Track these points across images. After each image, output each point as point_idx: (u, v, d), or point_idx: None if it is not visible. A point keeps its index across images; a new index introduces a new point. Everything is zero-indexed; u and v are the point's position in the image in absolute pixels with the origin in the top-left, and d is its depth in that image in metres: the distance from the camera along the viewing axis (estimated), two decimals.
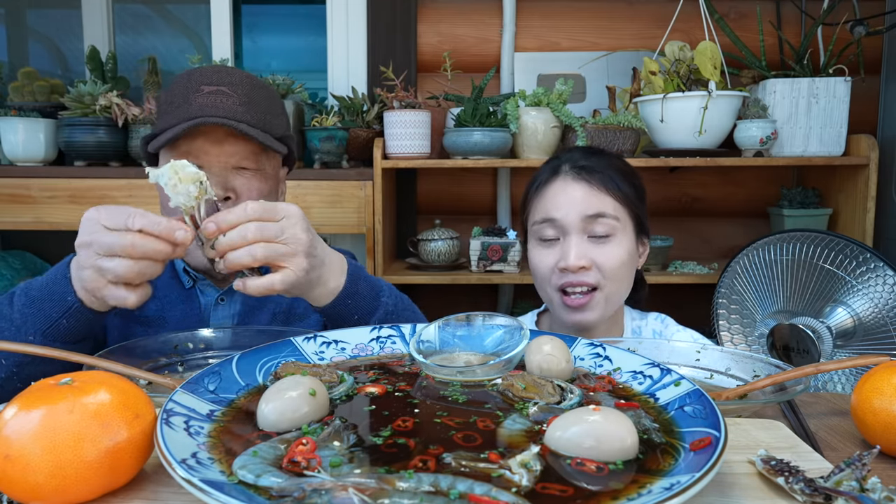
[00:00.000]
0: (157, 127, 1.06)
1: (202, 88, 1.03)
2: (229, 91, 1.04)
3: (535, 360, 0.67)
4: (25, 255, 2.52)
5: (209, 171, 1.01)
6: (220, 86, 1.04)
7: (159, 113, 1.08)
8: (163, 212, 1.07)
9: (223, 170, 1.04)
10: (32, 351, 0.73)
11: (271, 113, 1.09)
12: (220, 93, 1.03)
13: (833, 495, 0.46)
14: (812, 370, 0.73)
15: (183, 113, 1.01)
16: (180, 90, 1.04)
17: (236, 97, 1.04)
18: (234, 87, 1.04)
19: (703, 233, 2.50)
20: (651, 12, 2.38)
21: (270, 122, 1.08)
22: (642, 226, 1.19)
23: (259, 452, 0.47)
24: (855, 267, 1.56)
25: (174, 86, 1.06)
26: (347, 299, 0.91)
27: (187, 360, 0.84)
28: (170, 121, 1.02)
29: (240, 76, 1.07)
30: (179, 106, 1.02)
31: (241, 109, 1.03)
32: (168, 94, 1.07)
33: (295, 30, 2.74)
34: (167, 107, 1.05)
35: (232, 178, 1.05)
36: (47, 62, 2.69)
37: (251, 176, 1.06)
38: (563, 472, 0.46)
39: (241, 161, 1.05)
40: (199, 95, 1.02)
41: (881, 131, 2.29)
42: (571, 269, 1.12)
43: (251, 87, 1.07)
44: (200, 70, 1.07)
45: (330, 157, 2.10)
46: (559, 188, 1.16)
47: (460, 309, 1.53)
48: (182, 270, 1.14)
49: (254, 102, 1.06)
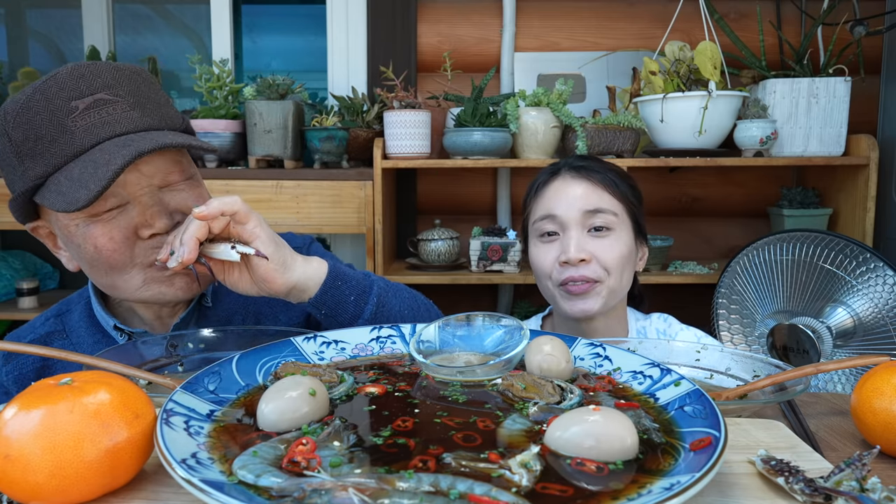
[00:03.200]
0: (29, 173, 0.80)
1: (75, 106, 0.79)
2: (109, 96, 0.81)
3: (535, 360, 0.67)
4: (25, 255, 2.52)
5: (137, 204, 0.83)
6: (94, 93, 0.80)
7: (19, 156, 0.80)
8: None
9: (152, 195, 0.84)
10: (33, 351, 0.73)
11: (163, 103, 0.88)
12: (101, 103, 0.80)
13: (833, 495, 0.46)
14: (812, 370, 0.73)
15: (66, 147, 0.78)
16: (43, 119, 0.78)
17: (121, 101, 0.82)
18: (111, 88, 0.82)
19: (703, 233, 2.50)
20: (651, 12, 2.38)
21: (169, 116, 0.87)
22: (640, 228, 1.21)
23: (259, 452, 0.47)
24: (855, 267, 1.56)
25: (28, 114, 0.79)
26: (337, 280, 0.84)
27: (187, 359, 0.84)
28: (50, 161, 0.79)
29: (108, 71, 0.82)
30: (54, 139, 0.78)
31: (136, 115, 0.82)
32: (25, 126, 0.79)
33: (295, 30, 2.74)
34: (31, 146, 0.79)
35: (167, 199, 0.85)
36: (47, 62, 2.69)
37: (186, 187, 0.87)
38: (563, 472, 0.46)
39: (166, 177, 0.85)
40: (75, 117, 0.79)
41: (881, 131, 2.29)
42: (572, 262, 1.13)
43: (127, 80, 0.84)
44: (55, 81, 0.80)
45: (330, 157, 2.10)
46: (558, 186, 1.18)
47: (460, 309, 1.53)
48: (113, 329, 0.96)
49: (143, 100, 0.84)
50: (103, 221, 0.83)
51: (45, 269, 2.55)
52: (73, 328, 0.99)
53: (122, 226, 0.83)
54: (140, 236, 0.84)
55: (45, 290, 2.51)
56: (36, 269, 2.51)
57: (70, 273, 2.63)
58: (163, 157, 0.85)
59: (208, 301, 1.01)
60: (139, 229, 0.84)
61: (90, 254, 0.84)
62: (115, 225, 0.83)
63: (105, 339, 0.97)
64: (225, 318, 1.02)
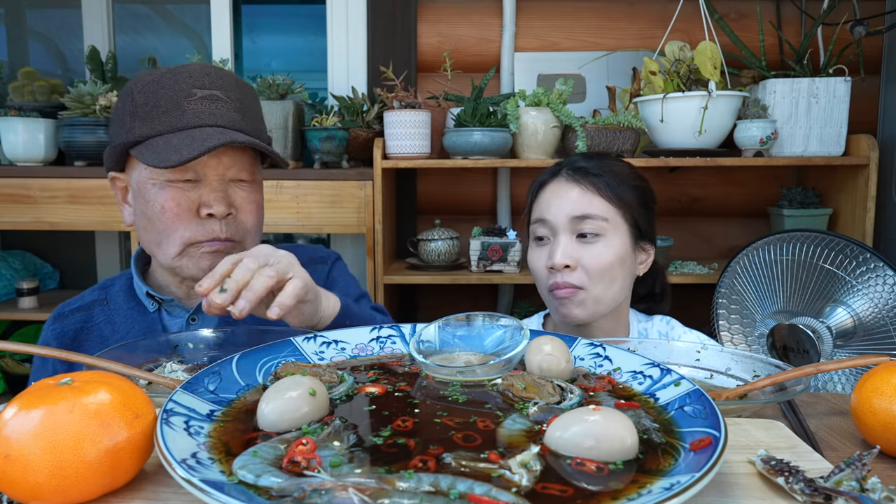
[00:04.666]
0: (135, 132, 0.96)
1: (194, 92, 0.95)
2: (223, 96, 0.97)
3: (535, 360, 0.67)
4: (25, 255, 2.52)
5: (207, 185, 0.97)
6: (213, 89, 0.97)
7: (134, 114, 0.96)
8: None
9: (222, 183, 0.99)
10: (32, 351, 0.73)
11: (259, 119, 1.05)
12: (214, 98, 0.96)
13: (833, 495, 0.46)
14: (812, 370, 0.73)
15: (175, 120, 0.94)
16: (167, 93, 0.95)
17: (231, 103, 0.98)
18: (227, 90, 0.98)
19: (703, 233, 2.50)
20: (651, 12, 2.38)
21: (260, 129, 1.04)
22: (641, 232, 1.18)
23: (259, 452, 0.47)
24: (855, 267, 1.56)
25: (157, 85, 0.95)
26: (345, 319, 0.92)
27: (187, 359, 0.84)
28: (156, 127, 0.94)
29: (229, 77, 1.00)
30: (168, 111, 0.94)
31: (237, 117, 0.98)
32: (150, 94, 0.95)
33: (295, 30, 2.74)
34: (149, 110, 0.95)
35: (232, 192, 1.00)
36: (47, 62, 2.69)
37: (248, 188, 1.02)
38: (563, 472, 0.46)
39: (238, 173, 1.00)
40: (191, 101, 0.95)
41: (881, 131, 2.29)
42: (556, 268, 1.12)
43: (241, 90, 1.01)
44: (187, 70, 0.97)
45: (330, 157, 2.10)
46: (553, 189, 1.18)
47: (460, 309, 1.53)
48: (145, 295, 1.08)
49: (246, 108, 1.00)
50: (176, 188, 0.97)
51: (45, 269, 2.55)
52: (113, 297, 1.11)
53: (189, 197, 0.97)
54: (199, 214, 0.97)
55: (45, 290, 2.51)
56: (36, 269, 2.51)
57: (70, 274, 2.64)
58: (243, 155, 1.00)
59: None
60: (201, 207, 0.97)
61: (155, 211, 0.97)
62: (184, 195, 0.97)
63: (138, 307, 1.09)
64: None
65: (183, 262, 1.00)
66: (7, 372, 2.35)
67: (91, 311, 1.10)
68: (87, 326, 1.09)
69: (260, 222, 1.06)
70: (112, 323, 1.08)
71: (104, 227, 2.09)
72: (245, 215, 1.01)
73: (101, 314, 1.09)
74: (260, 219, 1.06)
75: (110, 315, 1.09)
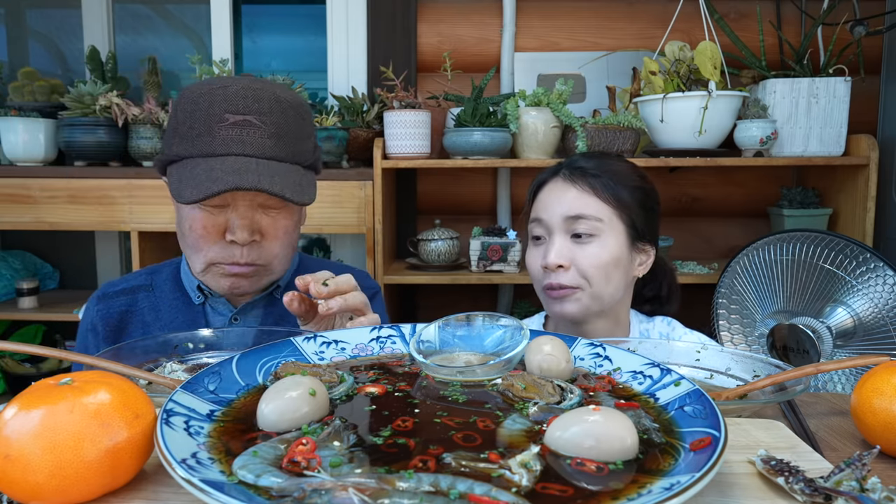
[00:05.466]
0: (174, 149, 0.99)
1: (227, 118, 0.94)
2: (257, 121, 0.95)
3: (535, 360, 0.67)
4: (25, 255, 2.52)
5: (235, 211, 0.98)
6: (248, 114, 0.95)
7: (176, 130, 0.98)
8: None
9: (249, 209, 0.99)
10: (32, 351, 0.73)
11: (302, 137, 1.02)
12: (247, 124, 0.95)
13: (833, 495, 0.46)
14: (812, 370, 0.73)
15: (204, 145, 0.95)
16: (202, 115, 0.95)
17: (264, 128, 0.96)
18: (263, 115, 0.96)
19: (703, 233, 2.50)
20: (651, 12, 2.38)
21: (301, 150, 1.01)
22: (639, 233, 1.17)
23: (259, 452, 0.47)
24: (855, 267, 1.56)
25: (194, 105, 0.96)
26: None
27: (187, 360, 0.84)
28: (189, 148, 0.96)
29: (268, 100, 0.97)
30: (200, 135, 0.95)
31: (270, 143, 0.96)
32: (188, 113, 0.96)
33: (295, 30, 2.74)
34: (186, 129, 0.96)
35: (258, 217, 1.00)
36: (47, 62, 2.69)
37: (277, 215, 1.02)
38: (563, 472, 0.46)
39: (266, 200, 1.00)
40: (222, 127, 0.94)
41: (881, 131, 2.29)
42: (550, 268, 1.13)
43: (280, 112, 0.97)
44: (224, 92, 0.95)
45: (330, 157, 2.10)
46: (551, 189, 1.18)
47: (460, 309, 1.53)
48: (195, 288, 1.11)
49: (283, 132, 0.98)
50: (205, 211, 0.99)
51: (45, 269, 2.55)
52: (159, 284, 1.15)
53: (216, 222, 0.99)
54: (224, 237, 1.00)
55: (45, 290, 2.51)
56: (36, 269, 2.51)
57: (71, 274, 2.64)
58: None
59: (278, 294, 1.14)
60: (227, 231, 0.99)
61: (185, 228, 1.01)
62: (212, 218, 0.99)
63: (183, 298, 1.12)
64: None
65: (206, 278, 1.05)
66: (7, 372, 2.35)
67: (136, 296, 1.13)
68: (131, 310, 1.12)
69: (289, 246, 1.07)
70: (156, 310, 1.12)
71: (104, 227, 2.09)
72: (270, 241, 1.02)
73: (145, 300, 1.13)
74: (289, 243, 1.06)
75: (155, 302, 1.12)
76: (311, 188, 1.03)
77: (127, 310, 1.12)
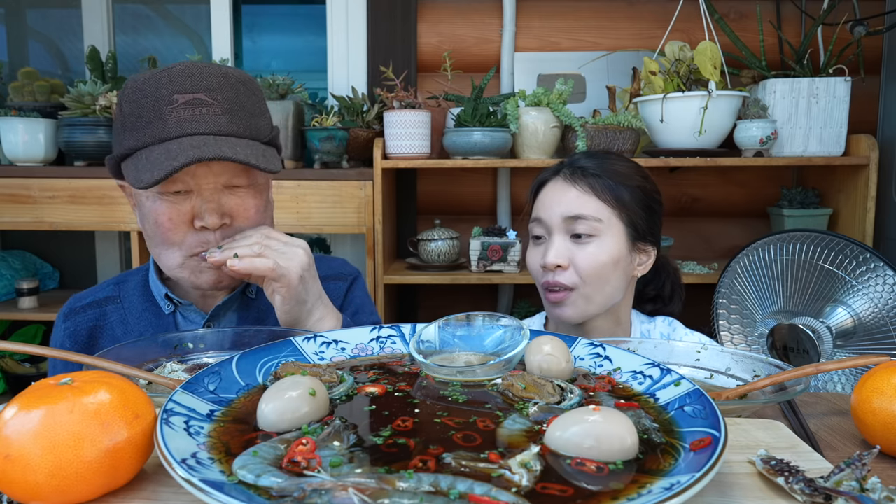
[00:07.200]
0: (125, 143, 0.93)
1: (175, 98, 0.89)
2: (207, 98, 0.91)
3: (535, 360, 0.67)
4: (25, 255, 2.52)
5: (200, 195, 0.94)
6: (196, 92, 0.90)
7: (124, 124, 0.93)
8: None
9: (215, 192, 0.94)
10: (32, 351, 0.73)
11: (256, 113, 0.97)
12: (198, 102, 0.90)
13: (833, 495, 0.46)
14: (812, 370, 0.73)
15: (157, 131, 0.89)
16: (149, 101, 0.90)
17: (216, 104, 0.91)
18: (213, 91, 0.91)
19: (703, 233, 2.50)
20: (651, 12, 2.38)
21: (257, 126, 0.96)
22: (639, 233, 1.17)
23: (259, 452, 0.47)
24: (855, 267, 1.56)
25: (140, 93, 0.91)
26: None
27: (187, 359, 0.84)
28: (141, 139, 0.91)
29: (216, 76, 0.92)
30: (150, 122, 0.90)
31: (225, 119, 0.91)
32: (134, 102, 0.91)
33: (295, 30, 2.74)
34: (135, 120, 0.91)
35: (225, 199, 0.95)
36: (47, 62, 2.69)
37: (244, 194, 0.97)
38: (563, 472, 0.46)
39: (231, 179, 0.95)
40: (173, 108, 0.89)
41: (881, 131, 2.29)
42: (549, 268, 1.13)
43: (230, 88, 0.93)
44: (168, 74, 0.91)
45: (330, 157, 2.10)
46: (550, 189, 1.18)
47: (460, 309, 1.53)
48: (163, 297, 1.07)
49: (236, 107, 0.93)
50: (168, 201, 0.94)
51: (45, 269, 2.55)
52: (126, 295, 1.11)
53: (181, 210, 0.94)
54: (193, 225, 0.95)
55: (45, 290, 2.51)
56: (36, 269, 2.51)
57: (70, 273, 2.64)
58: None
59: (252, 293, 1.10)
60: (194, 218, 0.94)
61: (150, 224, 0.96)
62: (177, 208, 0.94)
63: (152, 308, 1.08)
64: (265, 310, 1.09)
65: (185, 274, 0.99)
66: (7, 372, 2.35)
67: (104, 309, 1.09)
68: (100, 325, 1.08)
69: (263, 223, 1.01)
70: (125, 323, 1.08)
71: (104, 227, 2.09)
72: (242, 222, 0.97)
73: (114, 313, 1.08)
74: (262, 220, 1.01)
75: (124, 315, 1.08)
76: (276, 159, 0.97)
77: (95, 325, 1.08)
